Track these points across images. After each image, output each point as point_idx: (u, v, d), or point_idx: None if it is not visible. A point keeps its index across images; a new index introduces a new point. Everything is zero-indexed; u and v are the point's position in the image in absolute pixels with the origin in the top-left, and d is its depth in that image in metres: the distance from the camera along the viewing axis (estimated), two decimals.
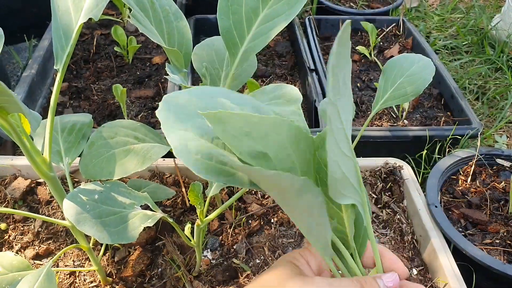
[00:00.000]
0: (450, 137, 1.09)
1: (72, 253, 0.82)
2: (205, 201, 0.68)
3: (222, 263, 0.80)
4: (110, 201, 0.57)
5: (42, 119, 0.57)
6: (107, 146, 0.62)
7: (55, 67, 0.50)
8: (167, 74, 0.55)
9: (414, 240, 0.86)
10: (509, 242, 0.86)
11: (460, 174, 0.99)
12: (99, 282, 0.76)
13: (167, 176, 0.93)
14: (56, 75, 1.30)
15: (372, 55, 1.50)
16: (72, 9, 0.48)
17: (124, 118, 1.10)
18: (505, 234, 0.86)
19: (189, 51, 0.57)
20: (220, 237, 0.84)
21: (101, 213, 0.56)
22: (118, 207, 0.57)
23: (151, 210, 0.60)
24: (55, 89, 0.51)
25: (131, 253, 0.80)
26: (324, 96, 1.21)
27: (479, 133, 1.10)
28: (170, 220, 0.62)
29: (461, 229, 0.88)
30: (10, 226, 0.84)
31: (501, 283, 0.82)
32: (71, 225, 0.62)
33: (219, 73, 0.63)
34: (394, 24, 1.62)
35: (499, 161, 1.01)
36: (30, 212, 0.87)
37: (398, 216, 0.89)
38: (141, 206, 0.60)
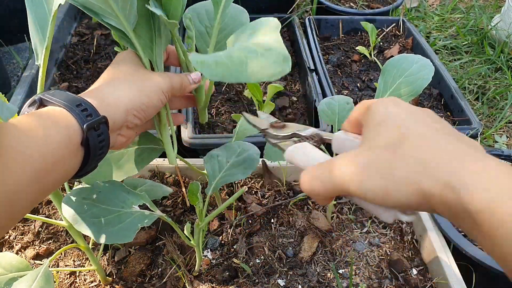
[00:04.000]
0: None
1: (73, 252, 0.82)
2: (204, 200, 0.68)
3: (222, 263, 0.80)
4: (107, 200, 0.57)
5: None
6: None
7: (36, 63, 0.50)
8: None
9: (414, 240, 0.86)
10: None
11: None
12: (99, 282, 0.76)
13: (167, 176, 0.93)
14: (56, 76, 1.30)
15: (372, 55, 1.50)
16: (45, 1, 0.49)
17: None
18: None
19: (183, 3, 0.55)
20: (220, 237, 0.84)
21: (99, 213, 0.55)
22: (115, 207, 0.57)
23: (149, 209, 0.60)
24: (38, 87, 0.51)
25: (131, 253, 0.81)
26: (324, 96, 1.21)
27: (479, 133, 1.10)
28: (168, 219, 0.62)
29: (461, 229, 0.88)
30: None
31: (501, 283, 0.82)
32: (69, 225, 0.62)
33: (211, 31, 0.62)
34: (394, 24, 1.63)
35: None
36: (31, 212, 0.87)
37: None
38: (139, 206, 0.60)
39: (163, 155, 0.67)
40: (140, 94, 0.50)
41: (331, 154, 0.49)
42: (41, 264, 0.79)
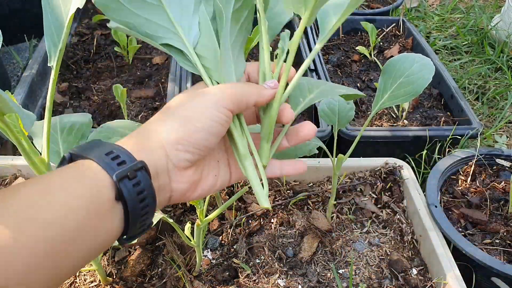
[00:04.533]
0: (450, 137, 1.09)
1: None
2: (204, 200, 0.68)
3: (222, 263, 0.80)
4: None
5: (42, 119, 0.57)
6: None
7: (49, 64, 0.49)
8: (167, 75, 0.54)
9: (414, 240, 0.86)
10: (509, 242, 0.86)
11: (460, 174, 0.99)
12: (99, 281, 0.76)
13: None
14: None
15: (372, 55, 1.50)
16: (62, 3, 0.48)
17: (124, 118, 1.10)
18: (505, 234, 0.86)
19: None
20: (220, 237, 0.84)
21: None
22: None
23: None
24: (50, 87, 0.50)
25: (131, 253, 0.80)
26: None
27: (479, 133, 1.10)
28: (170, 220, 0.62)
29: (461, 229, 0.88)
30: None
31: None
32: None
33: None
34: (394, 24, 1.62)
35: (499, 161, 1.01)
36: None
37: (398, 216, 0.89)
38: None
39: None
40: (180, 119, 0.39)
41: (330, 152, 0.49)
42: None
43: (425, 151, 1.09)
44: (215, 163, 0.45)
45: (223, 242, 0.84)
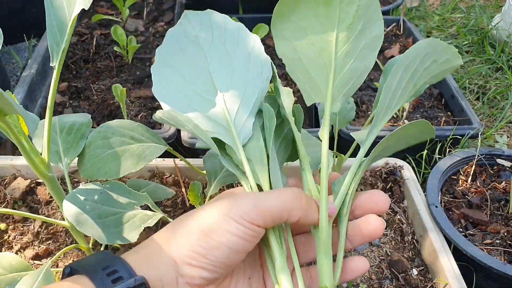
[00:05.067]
0: (450, 137, 1.08)
1: (72, 253, 0.81)
2: (205, 200, 0.68)
3: None
4: (110, 201, 0.57)
5: (41, 119, 0.56)
6: (103, 146, 0.62)
7: (51, 64, 0.49)
8: None
9: (414, 240, 0.85)
10: (509, 242, 0.85)
11: (461, 174, 0.99)
12: None
13: (167, 176, 0.93)
14: None
15: None
16: (66, 3, 0.48)
17: (124, 118, 1.10)
18: (505, 234, 0.86)
19: None
20: None
21: (101, 214, 0.55)
22: (118, 208, 0.57)
23: (151, 210, 0.60)
24: (52, 87, 0.50)
25: None
26: None
27: (479, 133, 1.10)
28: (171, 220, 0.62)
29: (461, 229, 0.88)
30: (10, 226, 0.84)
31: (501, 283, 0.81)
32: (70, 225, 0.62)
33: None
34: (394, 24, 1.62)
35: (499, 161, 1.00)
36: (30, 212, 0.87)
37: (399, 216, 0.89)
38: (141, 206, 0.60)
39: (163, 154, 0.67)
40: (196, 229, 0.34)
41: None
42: (41, 265, 0.79)
43: (425, 151, 1.09)
44: (245, 280, 0.38)
45: None
